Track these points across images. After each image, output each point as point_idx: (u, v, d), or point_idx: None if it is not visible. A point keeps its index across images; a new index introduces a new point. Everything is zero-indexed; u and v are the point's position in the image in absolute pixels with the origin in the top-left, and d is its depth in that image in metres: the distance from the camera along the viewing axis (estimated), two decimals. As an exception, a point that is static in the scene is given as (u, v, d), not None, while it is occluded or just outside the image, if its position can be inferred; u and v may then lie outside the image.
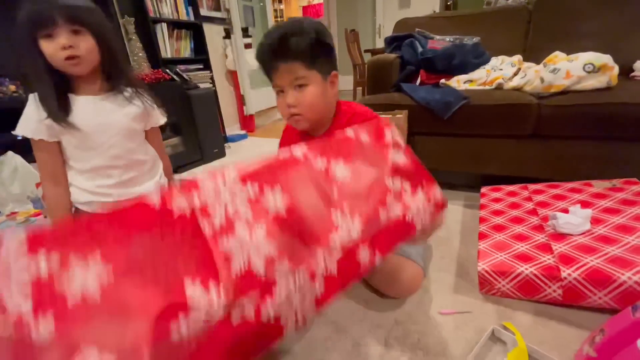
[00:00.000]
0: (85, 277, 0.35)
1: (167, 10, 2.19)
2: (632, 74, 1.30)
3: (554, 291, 0.70)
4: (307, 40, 0.67)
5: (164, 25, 2.16)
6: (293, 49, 0.67)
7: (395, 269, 0.78)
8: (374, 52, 3.08)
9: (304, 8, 7.55)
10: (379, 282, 0.81)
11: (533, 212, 0.94)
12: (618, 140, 1.03)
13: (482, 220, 0.97)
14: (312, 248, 0.46)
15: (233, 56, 2.85)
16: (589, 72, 1.04)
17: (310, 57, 0.69)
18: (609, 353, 0.53)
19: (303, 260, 0.45)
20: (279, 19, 7.64)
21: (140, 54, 1.93)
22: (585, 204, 0.90)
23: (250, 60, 2.93)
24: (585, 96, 1.03)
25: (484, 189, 1.16)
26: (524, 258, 0.76)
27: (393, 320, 0.74)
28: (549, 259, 0.74)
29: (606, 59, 1.04)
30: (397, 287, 0.78)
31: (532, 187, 1.08)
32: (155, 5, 2.11)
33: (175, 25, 2.27)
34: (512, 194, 1.08)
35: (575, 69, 1.05)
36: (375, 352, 0.67)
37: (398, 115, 1.19)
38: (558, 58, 1.12)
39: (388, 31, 1.77)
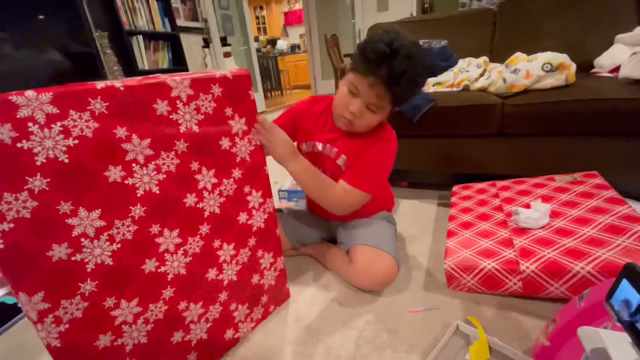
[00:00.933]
0: None
1: (142, 23, 2.20)
2: (593, 70, 1.36)
3: (515, 284, 0.73)
4: (413, 90, 0.73)
5: (140, 37, 2.17)
6: (400, 89, 0.70)
7: (369, 260, 0.81)
8: (353, 56, 3.12)
9: (286, 14, 7.60)
10: (354, 275, 0.83)
11: (499, 208, 0.98)
12: (578, 135, 1.08)
13: (451, 218, 1.00)
14: None
15: (212, 65, 2.86)
16: (547, 72, 1.09)
17: (401, 101, 0.75)
18: (560, 341, 0.56)
19: None
20: (261, 26, 7.68)
21: (116, 68, 1.93)
22: (546, 199, 0.94)
23: (230, 68, 2.94)
24: (544, 95, 1.07)
25: (455, 188, 1.19)
26: (487, 254, 0.79)
27: (365, 321, 0.76)
28: (510, 253, 0.77)
29: (563, 58, 1.09)
30: (372, 279, 0.81)
31: (500, 183, 1.12)
32: (130, 18, 2.12)
33: (151, 37, 2.28)
34: (481, 191, 1.12)
35: (535, 69, 1.09)
36: (346, 354, 0.68)
37: (370, 120, 1.22)
38: (519, 59, 1.17)
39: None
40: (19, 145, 0.40)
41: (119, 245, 0.50)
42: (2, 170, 0.40)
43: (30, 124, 0.40)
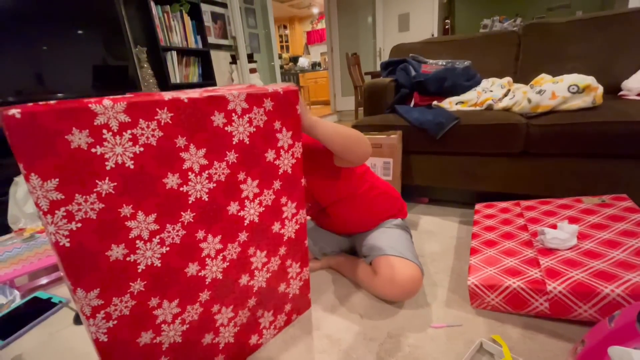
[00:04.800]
0: None
1: (177, 40, 2.33)
2: (620, 92, 1.35)
3: (541, 304, 0.72)
4: None
5: (174, 53, 2.30)
6: None
7: (394, 270, 0.81)
8: (374, 74, 3.19)
9: (308, 33, 7.85)
10: (381, 286, 0.84)
11: (524, 228, 0.97)
12: (606, 157, 1.07)
13: (474, 236, 1.00)
14: None
15: (239, 80, 2.98)
16: (573, 93, 1.09)
17: None
18: (589, 363, 0.55)
19: None
20: (284, 44, 7.95)
21: (151, 80, 2.05)
22: (574, 220, 0.93)
23: (255, 84, 3.06)
24: (570, 116, 1.07)
25: (478, 206, 1.19)
26: (512, 272, 0.78)
27: (386, 334, 0.76)
28: (536, 273, 0.76)
29: (590, 80, 1.09)
30: (399, 288, 0.80)
31: (525, 203, 1.11)
32: (166, 35, 2.26)
33: (184, 52, 2.41)
34: (504, 210, 1.11)
35: (561, 90, 1.10)
36: (368, 365, 0.69)
37: (392, 136, 1.25)
38: (544, 80, 1.18)
39: (388, 54, 1.86)
40: (93, 150, 0.42)
41: (168, 249, 0.53)
42: (76, 174, 0.42)
43: (104, 131, 0.43)
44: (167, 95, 0.48)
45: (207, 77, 2.59)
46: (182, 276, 0.56)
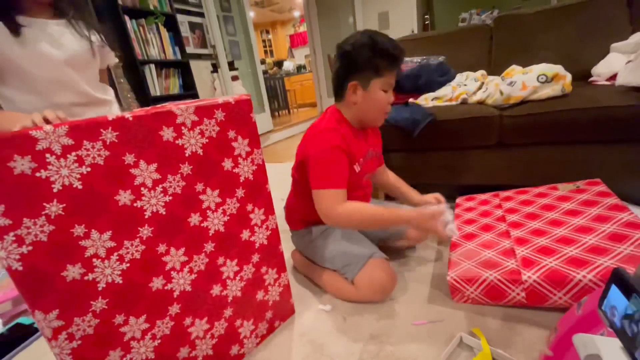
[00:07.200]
0: None
1: (154, 52, 2.32)
2: (591, 79, 1.37)
3: (518, 294, 0.73)
4: None
5: (152, 66, 2.28)
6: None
7: (374, 281, 0.85)
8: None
9: (291, 37, 7.85)
10: (362, 296, 0.86)
11: (501, 219, 0.98)
12: (578, 143, 1.08)
13: (454, 230, 1.00)
14: None
15: (221, 89, 2.97)
16: (543, 83, 1.11)
17: None
18: (561, 350, 0.55)
19: None
20: (267, 48, 7.95)
21: (129, 95, 2.03)
22: (549, 208, 0.94)
23: (237, 91, 3.05)
24: (541, 105, 1.09)
25: (458, 199, 1.20)
26: (489, 264, 0.79)
27: (369, 335, 0.76)
28: (512, 263, 0.77)
29: (557, 68, 1.11)
30: (383, 295, 0.86)
31: (503, 194, 1.13)
32: (143, 48, 2.24)
33: (163, 64, 2.39)
34: (484, 202, 1.12)
35: (530, 81, 1.12)
36: (351, 368, 0.69)
37: (371, 136, 1.25)
38: (514, 71, 1.20)
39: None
40: (37, 174, 0.44)
41: (128, 265, 0.53)
42: (22, 198, 0.43)
43: (48, 155, 0.44)
44: (112, 116, 0.49)
45: (189, 88, 2.58)
46: (147, 291, 0.56)
